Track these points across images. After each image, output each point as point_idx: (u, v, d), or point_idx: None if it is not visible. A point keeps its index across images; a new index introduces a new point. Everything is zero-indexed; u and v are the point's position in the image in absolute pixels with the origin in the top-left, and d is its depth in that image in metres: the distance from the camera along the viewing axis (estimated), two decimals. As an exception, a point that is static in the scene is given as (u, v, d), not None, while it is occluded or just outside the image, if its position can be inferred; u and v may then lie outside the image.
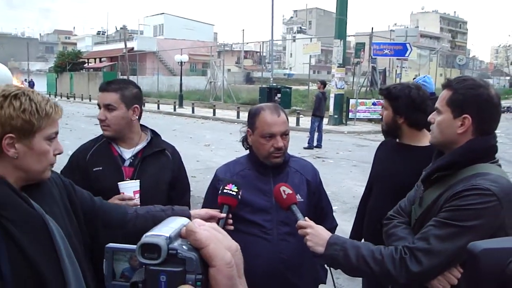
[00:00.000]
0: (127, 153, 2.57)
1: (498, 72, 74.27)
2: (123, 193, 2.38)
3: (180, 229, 0.64)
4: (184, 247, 0.61)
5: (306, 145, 14.17)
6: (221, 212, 1.92)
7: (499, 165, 1.87)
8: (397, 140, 2.80)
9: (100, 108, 2.54)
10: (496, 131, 1.90)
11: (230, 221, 1.95)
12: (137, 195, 2.40)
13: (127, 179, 2.48)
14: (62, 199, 1.61)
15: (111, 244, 0.72)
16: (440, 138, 1.92)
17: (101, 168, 2.49)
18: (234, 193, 1.92)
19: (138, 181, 2.42)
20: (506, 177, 1.79)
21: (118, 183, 2.39)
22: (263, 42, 38.52)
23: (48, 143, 1.50)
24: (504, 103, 34.18)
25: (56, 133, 1.54)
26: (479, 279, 0.60)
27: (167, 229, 0.63)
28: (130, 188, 2.39)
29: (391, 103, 2.71)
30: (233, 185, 1.94)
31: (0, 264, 1.24)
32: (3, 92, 1.41)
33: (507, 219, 1.70)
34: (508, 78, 69.26)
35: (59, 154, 1.57)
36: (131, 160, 2.55)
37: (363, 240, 2.86)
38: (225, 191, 1.93)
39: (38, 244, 1.37)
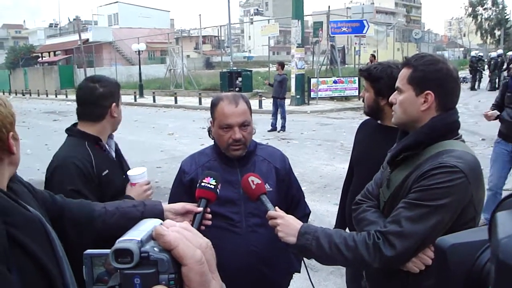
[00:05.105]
0: (107, 145, 2.46)
1: (453, 44, 75.97)
2: (132, 184, 2.33)
3: (152, 231, 0.66)
4: (155, 249, 0.64)
5: (270, 127, 14.16)
6: (198, 206, 1.83)
7: (463, 141, 1.87)
8: (379, 121, 2.72)
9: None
10: (455, 103, 1.91)
11: (209, 215, 1.86)
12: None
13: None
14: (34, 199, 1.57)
15: (88, 251, 0.74)
16: (403, 117, 1.90)
17: (107, 171, 2.32)
18: (213, 187, 1.84)
19: (144, 167, 2.39)
20: (471, 152, 1.80)
21: (128, 174, 2.35)
22: (220, 26, 38.16)
23: None
24: (460, 74, 35.11)
25: None
26: (449, 276, 0.60)
27: (138, 232, 0.66)
28: (141, 176, 2.35)
29: (372, 85, 2.63)
30: (212, 178, 1.85)
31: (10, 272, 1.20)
32: None
33: (474, 194, 1.71)
34: (462, 49, 71.02)
35: None
36: (113, 150, 2.50)
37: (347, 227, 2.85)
38: (203, 184, 1.84)
39: (43, 246, 1.34)
